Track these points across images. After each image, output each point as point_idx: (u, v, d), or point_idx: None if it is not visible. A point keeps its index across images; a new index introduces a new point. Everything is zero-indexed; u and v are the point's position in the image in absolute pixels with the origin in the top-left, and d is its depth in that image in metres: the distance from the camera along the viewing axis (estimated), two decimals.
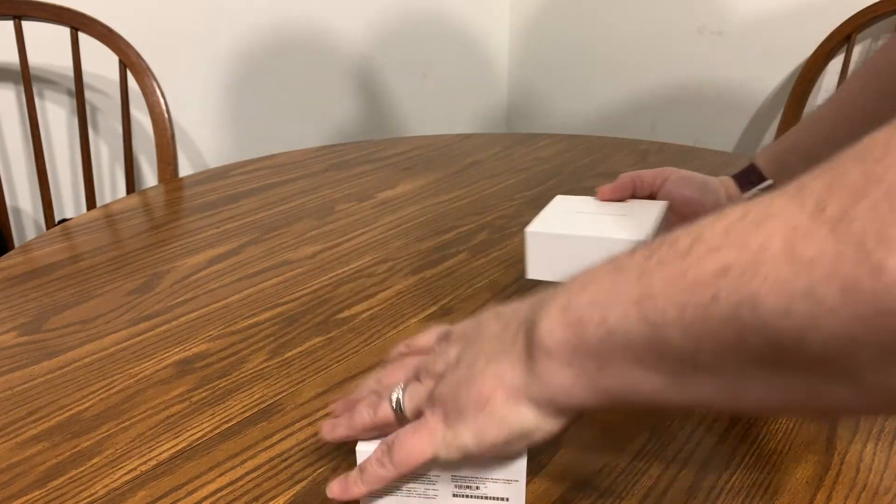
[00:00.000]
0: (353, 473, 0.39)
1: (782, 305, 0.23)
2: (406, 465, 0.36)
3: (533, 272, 0.56)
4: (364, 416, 0.39)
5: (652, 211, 0.57)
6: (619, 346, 0.29)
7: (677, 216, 0.60)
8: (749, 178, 0.62)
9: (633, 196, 0.62)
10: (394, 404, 0.38)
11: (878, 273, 0.21)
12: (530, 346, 0.32)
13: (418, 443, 0.36)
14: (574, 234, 0.54)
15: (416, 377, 0.38)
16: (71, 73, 1.22)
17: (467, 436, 0.34)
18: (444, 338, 0.39)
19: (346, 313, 0.64)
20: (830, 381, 0.24)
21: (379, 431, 0.39)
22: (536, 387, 0.32)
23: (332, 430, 0.42)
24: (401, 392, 0.38)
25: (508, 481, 0.39)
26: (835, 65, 1.41)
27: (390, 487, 0.40)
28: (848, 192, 0.22)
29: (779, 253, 0.23)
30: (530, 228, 0.55)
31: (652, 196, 0.62)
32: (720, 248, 0.25)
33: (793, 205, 0.24)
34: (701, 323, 0.25)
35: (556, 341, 0.31)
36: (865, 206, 0.21)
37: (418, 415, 0.37)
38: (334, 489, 0.39)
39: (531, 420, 0.33)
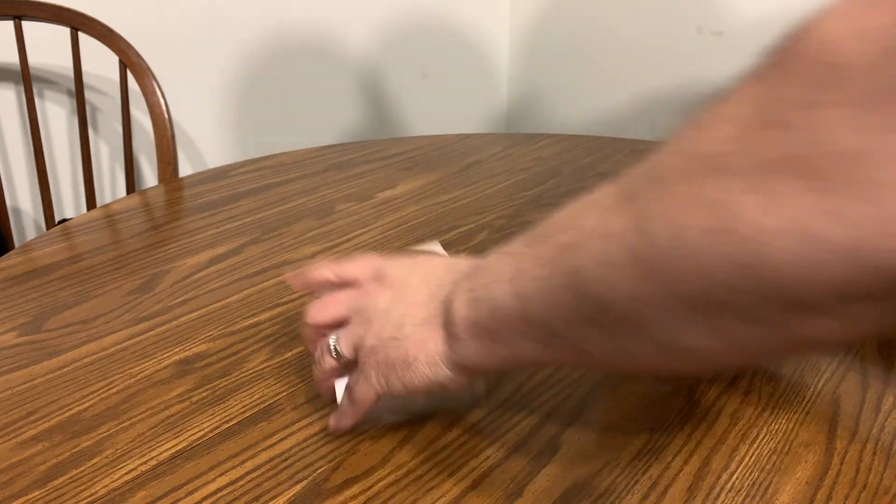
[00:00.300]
0: (339, 411, 0.46)
1: (596, 273, 0.29)
2: (364, 408, 0.43)
3: None
4: (318, 373, 0.46)
5: None
6: (502, 321, 0.35)
7: None
8: None
9: None
10: (333, 353, 0.44)
11: (650, 239, 0.26)
12: (447, 321, 0.39)
13: (364, 391, 0.42)
14: None
15: (348, 319, 0.44)
16: (71, 73, 1.22)
17: (397, 383, 0.41)
18: (377, 278, 0.44)
19: None
20: (638, 341, 0.30)
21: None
22: (451, 354, 0.39)
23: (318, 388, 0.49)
24: (336, 341, 0.44)
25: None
26: None
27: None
28: (642, 177, 0.29)
29: (594, 230, 0.29)
30: None
31: None
32: (564, 231, 0.32)
33: (612, 190, 0.30)
34: (550, 293, 0.32)
35: (462, 318, 0.37)
36: (646, 185, 0.28)
37: (356, 354, 0.43)
38: (332, 424, 0.47)
39: (446, 376, 0.40)
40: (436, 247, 0.59)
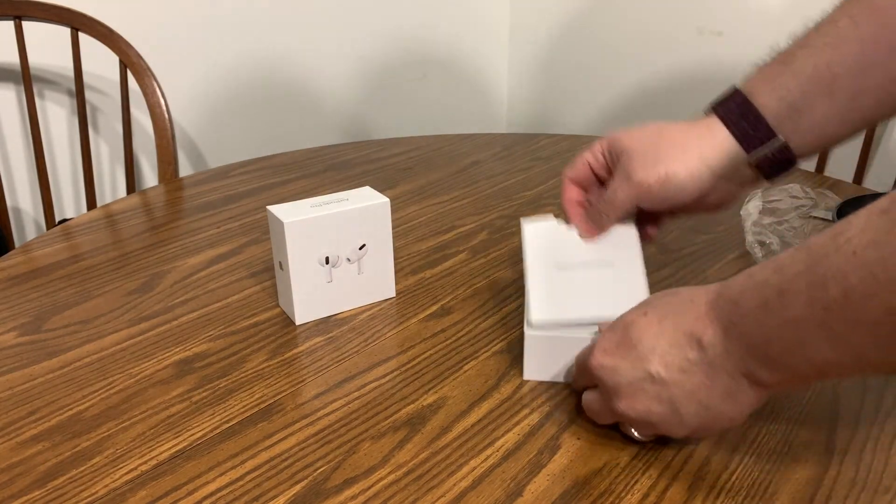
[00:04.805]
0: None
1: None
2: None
3: (530, 373, 0.54)
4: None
5: (631, 253, 0.55)
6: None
7: (644, 204, 0.55)
8: (752, 130, 0.55)
9: (597, 180, 0.58)
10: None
11: None
12: (757, 384, 0.41)
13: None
14: (579, 326, 0.52)
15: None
16: (71, 73, 1.22)
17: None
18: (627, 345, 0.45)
19: (346, 313, 0.64)
20: None
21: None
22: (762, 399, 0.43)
23: None
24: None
25: None
26: None
27: None
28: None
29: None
30: (532, 331, 0.53)
31: (611, 174, 0.56)
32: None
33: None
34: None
35: (773, 382, 0.41)
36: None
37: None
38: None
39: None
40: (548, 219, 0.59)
